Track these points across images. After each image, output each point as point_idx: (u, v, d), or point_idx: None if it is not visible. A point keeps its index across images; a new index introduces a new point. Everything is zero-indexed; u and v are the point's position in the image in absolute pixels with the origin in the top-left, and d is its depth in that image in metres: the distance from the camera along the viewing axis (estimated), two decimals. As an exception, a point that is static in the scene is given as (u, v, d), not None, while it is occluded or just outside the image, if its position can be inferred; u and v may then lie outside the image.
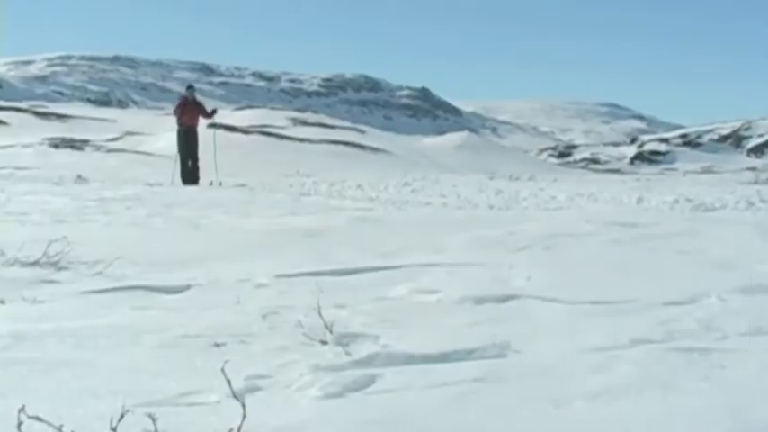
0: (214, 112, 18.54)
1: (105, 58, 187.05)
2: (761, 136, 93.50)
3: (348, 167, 27.01)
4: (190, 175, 17.14)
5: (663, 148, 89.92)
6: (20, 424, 2.26)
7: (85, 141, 33.79)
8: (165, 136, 32.35)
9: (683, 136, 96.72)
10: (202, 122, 18.01)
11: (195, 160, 17.41)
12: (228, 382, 2.60)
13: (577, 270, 5.33)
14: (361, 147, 38.14)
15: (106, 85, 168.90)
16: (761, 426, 2.48)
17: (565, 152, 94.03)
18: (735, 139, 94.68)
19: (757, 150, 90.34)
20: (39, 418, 2.28)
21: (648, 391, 2.78)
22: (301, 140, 37.22)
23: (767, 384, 2.83)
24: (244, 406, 2.41)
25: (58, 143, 32.34)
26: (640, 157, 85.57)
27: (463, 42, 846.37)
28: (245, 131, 35.75)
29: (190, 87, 18.56)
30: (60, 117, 46.36)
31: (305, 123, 45.43)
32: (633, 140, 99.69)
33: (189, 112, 17.69)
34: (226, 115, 20.37)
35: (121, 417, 2.34)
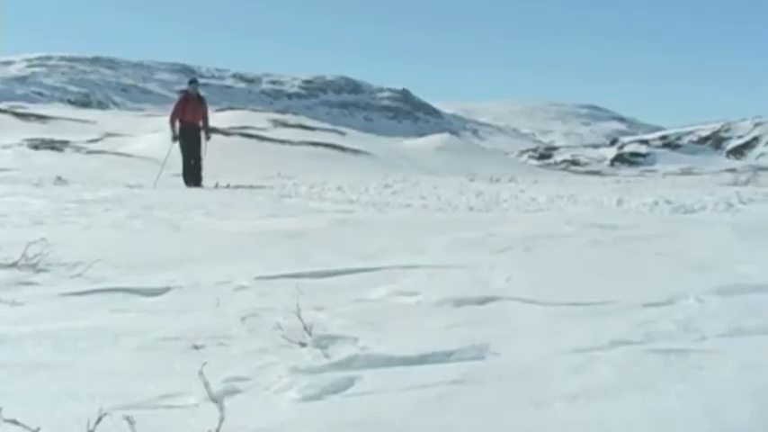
0: (212, 131, 17.88)
1: (85, 59, 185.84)
2: (740, 137, 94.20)
3: (329, 169, 26.90)
4: (192, 175, 16.23)
5: (643, 149, 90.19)
6: (-4, 428, 2.25)
7: (65, 142, 33.47)
8: (144, 137, 32.17)
9: (663, 137, 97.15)
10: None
11: (198, 159, 16.44)
12: (207, 384, 2.59)
13: (557, 271, 5.35)
14: (342, 148, 38.00)
15: (86, 86, 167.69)
16: (738, 427, 2.50)
17: (545, 154, 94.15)
18: (714, 141, 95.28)
19: (737, 152, 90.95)
20: (15, 422, 2.27)
21: (627, 392, 2.80)
22: (282, 142, 37.07)
23: (744, 385, 2.84)
24: (222, 408, 2.41)
25: (38, 144, 32.02)
26: (620, 159, 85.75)
27: (444, 44, 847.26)
28: (225, 133, 35.61)
29: (193, 81, 17.35)
30: (40, 118, 45.87)
31: (285, 125, 45.21)
32: (613, 142, 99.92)
33: (191, 108, 16.63)
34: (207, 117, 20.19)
35: (99, 419, 2.34)
